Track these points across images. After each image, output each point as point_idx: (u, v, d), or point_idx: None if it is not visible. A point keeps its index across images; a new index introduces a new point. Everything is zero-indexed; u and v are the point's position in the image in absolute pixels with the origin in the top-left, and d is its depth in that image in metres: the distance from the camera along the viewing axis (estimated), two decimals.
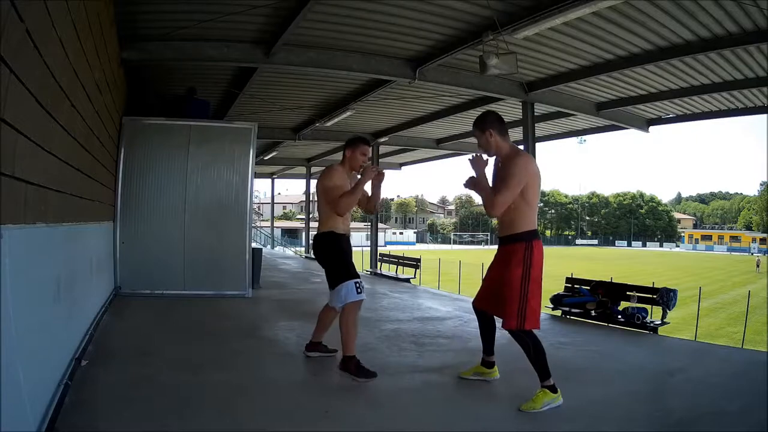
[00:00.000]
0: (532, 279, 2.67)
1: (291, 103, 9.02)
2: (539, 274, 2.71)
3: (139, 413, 2.45)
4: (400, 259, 12.00)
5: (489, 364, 3.09)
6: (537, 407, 2.58)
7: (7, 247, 1.68)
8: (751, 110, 7.82)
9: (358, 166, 3.31)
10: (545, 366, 2.67)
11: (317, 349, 3.55)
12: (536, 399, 2.61)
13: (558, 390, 2.65)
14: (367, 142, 3.39)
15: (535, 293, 2.68)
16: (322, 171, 3.47)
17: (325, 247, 3.26)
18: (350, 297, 3.08)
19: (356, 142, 3.33)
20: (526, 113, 7.58)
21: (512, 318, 2.66)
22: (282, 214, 56.33)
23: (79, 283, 3.40)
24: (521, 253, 2.68)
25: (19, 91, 1.81)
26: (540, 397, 2.61)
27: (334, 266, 3.20)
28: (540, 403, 2.60)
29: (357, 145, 3.31)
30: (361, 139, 3.38)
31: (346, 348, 3.09)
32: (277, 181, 24.68)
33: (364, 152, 3.32)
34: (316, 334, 3.54)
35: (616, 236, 63.89)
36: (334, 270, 3.20)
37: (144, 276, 5.90)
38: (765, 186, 63.61)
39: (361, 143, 3.33)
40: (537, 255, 2.69)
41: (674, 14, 4.78)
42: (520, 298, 2.64)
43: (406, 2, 4.86)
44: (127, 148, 5.90)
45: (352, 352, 3.07)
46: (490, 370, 3.09)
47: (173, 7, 4.96)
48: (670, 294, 5.14)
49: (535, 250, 2.69)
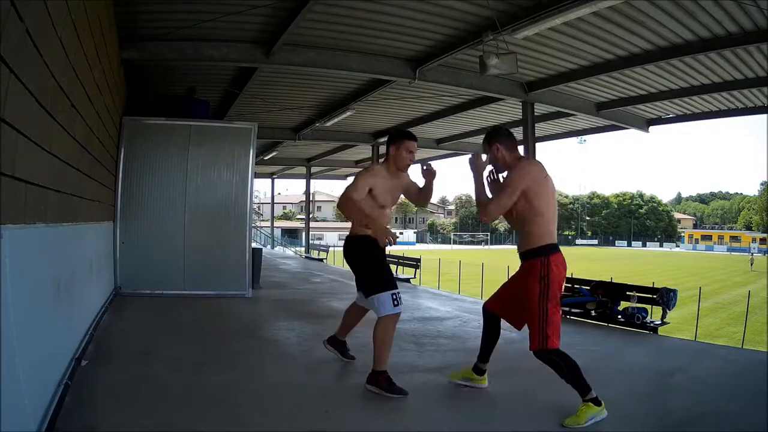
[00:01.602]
0: (551, 297, 2.53)
1: (291, 103, 9.03)
2: (558, 291, 2.58)
3: (139, 413, 2.45)
4: (400, 259, 11.98)
5: (480, 371, 2.96)
6: (581, 422, 2.45)
7: (7, 247, 1.68)
8: (751, 110, 7.83)
9: (405, 165, 2.97)
10: (582, 381, 2.53)
11: (337, 348, 3.40)
12: (580, 414, 2.48)
13: (602, 403, 2.51)
14: (412, 138, 2.98)
15: (555, 311, 2.55)
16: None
17: (355, 252, 2.96)
18: (384, 310, 2.79)
19: (399, 138, 2.95)
20: (526, 113, 7.58)
21: (534, 338, 2.55)
22: (282, 214, 56.32)
23: (79, 283, 3.39)
24: (537, 269, 2.54)
25: (19, 91, 1.81)
26: (584, 412, 2.48)
27: (366, 274, 2.92)
28: (584, 418, 2.46)
29: (401, 142, 2.93)
30: (405, 134, 2.98)
31: (377, 362, 2.81)
32: (277, 181, 24.74)
33: (410, 149, 2.94)
34: (340, 331, 3.38)
35: (616, 236, 63.85)
36: (366, 278, 2.93)
37: (144, 276, 5.90)
38: (765, 186, 63.68)
39: (405, 139, 2.94)
40: (555, 271, 2.54)
41: (674, 14, 4.78)
42: (539, 317, 2.52)
43: (406, 2, 4.87)
44: (127, 148, 5.90)
45: (384, 366, 2.80)
46: (480, 377, 2.96)
47: (173, 7, 4.96)
48: (670, 294, 5.14)
49: (553, 266, 2.54)
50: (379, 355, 2.81)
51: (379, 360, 2.80)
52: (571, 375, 2.55)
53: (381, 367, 2.80)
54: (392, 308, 2.79)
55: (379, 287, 2.82)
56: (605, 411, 2.51)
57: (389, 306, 2.79)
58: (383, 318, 2.81)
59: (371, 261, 2.91)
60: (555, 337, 2.54)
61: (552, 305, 2.53)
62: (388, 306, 2.79)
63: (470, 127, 10.98)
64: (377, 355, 2.81)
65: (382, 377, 2.79)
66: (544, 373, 3.38)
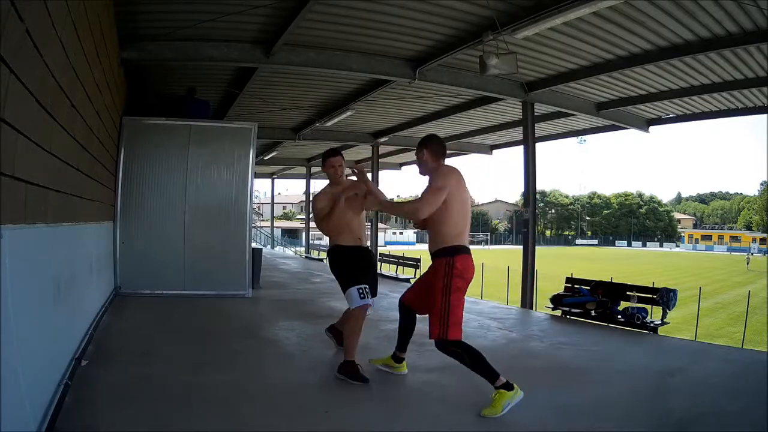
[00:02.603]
0: (453, 290, 2.66)
1: (291, 103, 9.03)
2: (462, 285, 2.71)
3: (139, 413, 2.45)
4: (400, 259, 12.00)
5: (399, 359, 3.21)
6: (498, 411, 2.52)
7: (7, 247, 1.68)
8: (751, 110, 7.83)
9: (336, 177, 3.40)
10: (488, 368, 2.62)
11: (335, 337, 3.71)
12: (495, 403, 2.55)
13: (514, 385, 2.58)
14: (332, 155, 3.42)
15: (458, 304, 2.68)
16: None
17: (331, 260, 3.42)
18: (354, 302, 3.14)
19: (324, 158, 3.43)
20: (526, 113, 7.59)
21: (435, 327, 2.68)
22: (282, 214, 56.30)
23: (79, 283, 3.40)
24: (442, 269, 2.69)
25: (19, 91, 1.81)
26: (498, 400, 2.55)
27: (340, 276, 3.30)
28: (500, 407, 2.53)
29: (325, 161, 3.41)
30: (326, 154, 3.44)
31: (346, 351, 3.14)
32: (277, 181, 24.73)
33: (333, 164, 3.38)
34: (341, 322, 3.68)
35: (616, 236, 63.85)
36: (340, 279, 3.30)
37: (144, 276, 5.90)
38: (765, 186, 63.65)
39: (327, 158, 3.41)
40: (460, 268, 2.68)
41: (674, 14, 4.78)
42: (441, 308, 2.65)
43: (406, 2, 4.87)
44: (127, 148, 5.90)
45: (352, 357, 3.10)
46: (399, 365, 3.21)
47: (173, 7, 4.96)
48: (670, 294, 5.14)
49: (458, 264, 2.68)
50: (347, 345, 3.15)
51: (348, 350, 3.14)
52: (475, 364, 2.65)
53: (349, 357, 3.11)
54: (359, 300, 3.13)
55: (348, 284, 3.19)
56: (520, 392, 2.59)
57: (357, 299, 3.14)
58: (353, 310, 3.16)
59: (343, 264, 3.29)
60: (456, 328, 2.67)
61: (454, 299, 2.66)
62: (356, 299, 3.14)
63: (470, 127, 10.99)
64: (346, 344, 3.16)
65: (350, 365, 3.07)
66: (544, 373, 3.40)
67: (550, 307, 5.81)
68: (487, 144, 12.99)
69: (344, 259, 3.30)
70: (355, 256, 3.32)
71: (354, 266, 3.28)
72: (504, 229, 65.72)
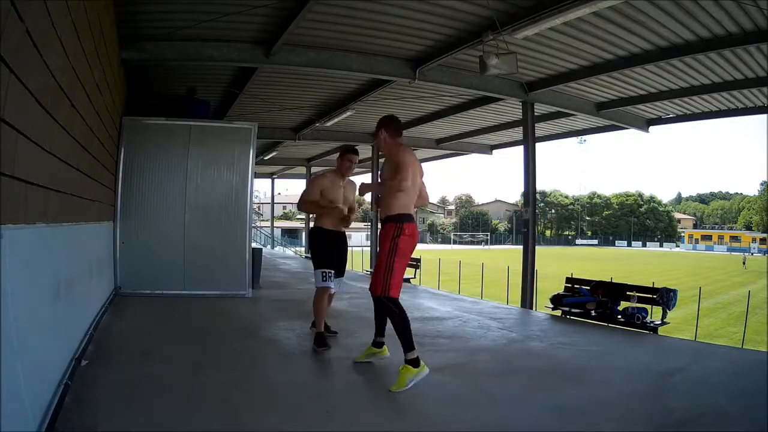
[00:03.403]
0: (398, 253, 2.98)
1: (291, 103, 9.03)
2: (406, 249, 3.04)
3: (139, 413, 2.44)
4: None
5: (379, 344, 3.40)
6: (404, 386, 2.78)
7: (7, 247, 1.68)
8: (751, 110, 7.82)
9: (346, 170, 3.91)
10: (409, 337, 2.91)
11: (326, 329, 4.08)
12: (401, 378, 2.81)
13: (421, 362, 2.85)
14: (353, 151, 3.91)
15: (401, 266, 3.00)
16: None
17: (311, 239, 3.98)
18: (317, 283, 3.78)
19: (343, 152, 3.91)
20: (526, 113, 7.58)
21: (378, 285, 2.97)
22: (282, 214, 56.26)
23: (79, 283, 3.40)
24: (391, 231, 3.01)
25: (19, 91, 1.81)
26: (404, 375, 2.81)
27: (313, 255, 3.89)
28: (405, 382, 2.79)
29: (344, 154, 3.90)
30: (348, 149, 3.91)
31: (316, 324, 3.81)
32: (277, 181, 24.70)
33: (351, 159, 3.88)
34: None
35: (616, 236, 63.85)
36: (313, 258, 3.87)
37: (144, 276, 5.90)
38: (765, 186, 63.66)
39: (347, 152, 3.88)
40: (407, 232, 3.02)
41: (674, 14, 4.78)
42: (385, 268, 2.96)
43: (406, 2, 4.87)
44: (127, 148, 5.90)
45: (320, 329, 3.79)
46: (380, 349, 3.40)
47: (173, 7, 4.96)
48: (670, 294, 5.14)
49: (406, 229, 3.02)
50: (316, 318, 3.83)
51: (317, 323, 3.82)
52: (402, 328, 2.93)
53: (317, 329, 3.80)
54: (321, 282, 3.76)
55: (316, 265, 3.82)
56: (426, 368, 2.88)
57: (319, 280, 3.77)
58: (317, 289, 3.80)
59: (319, 246, 3.85)
60: (396, 288, 2.99)
61: (398, 262, 2.99)
62: (319, 280, 3.77)
63: (470, 127, 10.99)
64: (315, 318, 3.84)
65: (318, 336, 3.75)
66: (544, 373, 3.40)
67: (550, 307, 5.81)
68: (487, 144, 12.98)
69: (321, 241, 3.84)
70: (330, 240, 3.86)
71: (328, 250, 3.83)
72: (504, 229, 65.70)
